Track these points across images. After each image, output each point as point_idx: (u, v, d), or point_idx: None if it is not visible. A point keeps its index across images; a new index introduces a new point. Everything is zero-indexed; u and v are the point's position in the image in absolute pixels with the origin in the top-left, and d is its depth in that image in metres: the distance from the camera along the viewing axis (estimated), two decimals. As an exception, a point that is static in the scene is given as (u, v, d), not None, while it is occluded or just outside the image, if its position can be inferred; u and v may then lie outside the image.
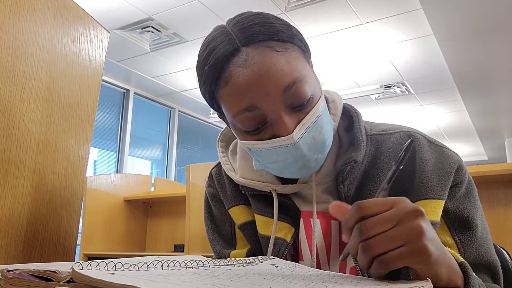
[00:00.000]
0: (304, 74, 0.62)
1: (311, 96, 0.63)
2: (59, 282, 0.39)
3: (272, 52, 0.61)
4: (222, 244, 0.82)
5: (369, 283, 0.46)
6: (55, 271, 0.39)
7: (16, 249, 0.88)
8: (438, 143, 0.72)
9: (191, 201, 2.49)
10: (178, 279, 0.40)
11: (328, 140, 0.66)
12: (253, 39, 0.62)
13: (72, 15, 1.02)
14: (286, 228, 0.73)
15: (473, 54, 4.23)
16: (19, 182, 0.88)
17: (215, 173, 0.85)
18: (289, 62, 0.61)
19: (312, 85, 0.63)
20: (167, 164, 6.09)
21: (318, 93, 0.65)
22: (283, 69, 0.60)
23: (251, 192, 0.76)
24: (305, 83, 0.62)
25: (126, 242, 3.05)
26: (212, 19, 3.81)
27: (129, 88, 5.56)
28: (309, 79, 0.63)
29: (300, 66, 0.63)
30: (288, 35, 0.64)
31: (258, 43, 0.62)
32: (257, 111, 0.62)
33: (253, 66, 0.61)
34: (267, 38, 0.62)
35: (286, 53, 0.62)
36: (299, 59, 0.63)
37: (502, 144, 7.73)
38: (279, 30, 0.63)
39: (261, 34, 0.62)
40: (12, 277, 0.40)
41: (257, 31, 0.62)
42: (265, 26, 0.63)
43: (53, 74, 0.97)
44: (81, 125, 1.03)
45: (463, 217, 0.67)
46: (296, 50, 0.64)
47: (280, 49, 0.62)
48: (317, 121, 0.63)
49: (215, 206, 0.85)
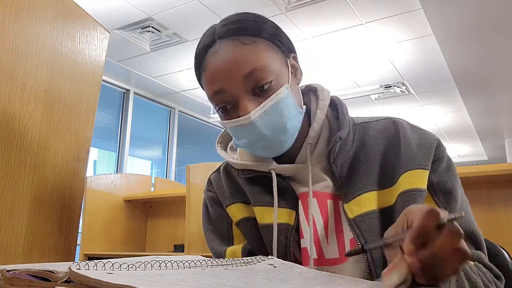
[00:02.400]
0: (266, 64, 0.71)
1: (271, 82, 0.71)
2: (57, 282, 0.39)
3: (239, 44, 0.72)
4: (220, 242, 0.84)
5: (367, 284, 0.46)
6: (52, 271, 0.39)
7: (16, 249, 0.88)
8: (419, 127, 0.80)
9: (191, 201, 2.49)
10: (176, 279, 0.40)
11: (290, 124, 0.72)
12: (227, 33, 0.73)
13: (72, 15, 1.02)
14: (287, 213, 0.77)
15: (473, 54, 4.23)
16: (19, 182, 0.88)
17: (214, 177, 0.89)
18: (253, 53, 0.71)
19: (275, 74, 0.72)
20: (167, 164, 6.09)
21: (282, 82, 0.73)
22: (245, 58, 0.70)
23: (250, 175, 0.80)
24: (265, 71, 0.70)
25: (126, 242, 3.05)
26: (212, 19, 3.80)
27: (129, 88, 5.56)
28: (271, 68, 0.71)
29: (263, 57, 0.71)
30: (257, 30, 0.73)
31: (229, 37, 0.72)
32: (225, 94, 0.72)
33: (221, 55, 0.72)
34: (237, 33, 0.72)
35: (252, 46, 0.72)
36: (264, 51, 0.72)
37: (502, 144, 7.73)
38: (250, 26, 0.74)
39: (233, 30, 0.73)
40: (12, 277, 0.40)
41: (231, 27, 0.73)
42: (239, 23, 0.74)
43: (53, 74, 0.97)
44: (81, 125, 1.03)
45: (446, 189, 0.73)
46: (263, 44, 0.73)
47: (247, 42, 0.72)
48: (278, 105, 0.71)
49: (212, 208, 0.88)
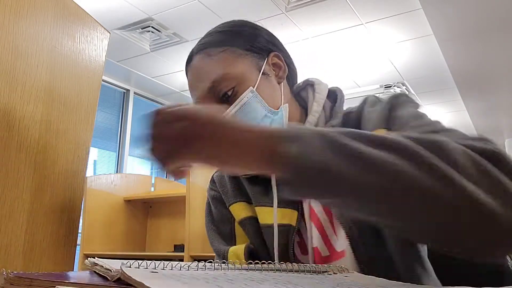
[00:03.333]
0: (226, 72, 0.74)
1: (233, 88, 0.74)
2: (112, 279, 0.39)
3: (205, 57, 0.77)
4: (222, 242, 0.84)
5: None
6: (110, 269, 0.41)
7: (16, 249, 0.88)
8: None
9: (191, 201, 2.49)
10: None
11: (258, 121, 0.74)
12: (198, 48, 0.79)
13: (72, 15, 1.02)
14: (288, 214, 0.76)
15: (473, 54, 4.23)
16: (19, 182, 0.89)
17: (217, 176, 0.91)
18: (215, 63, 0.75)
19: (237, 80, 0.74)
20: (167, 164, 6.08)
21: (247, 86, 0.74)
22: (208, 71, 0.75)
23: (249, 174, 0.80)
24: (225, 79, 0.74)
25: (126, 242, 3.05)
26: (212, 19, 3.81)
27: (129, 88, 5.56)
28: (231, 75, 0.74)
29: (224, 65, 0.75)
30: (223, 40, 0.77)
31: (200, 51, 0.78)
32: (201, 104, 0.76)
33: (192, 71, 0.79)
34: (205, 46, 0.78)
35: (216, 56, 0.76)
36: (227, 60, 0.76)
37: (502, 144, 7.74)
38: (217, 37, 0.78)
39: (203, 44, 0.79)
40: (12, 277, 0.40)
41: (202, 42, 0.79)
42: (209, 36, 0.79)
43: (53, 74, 0.97)
44: (81, 125, 1.03)
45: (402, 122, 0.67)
46: (228, 52, 0.76)
47: (213, 53, 0.76)
48: (243, 109, 0.73)
49: (215, 207, 0.88)
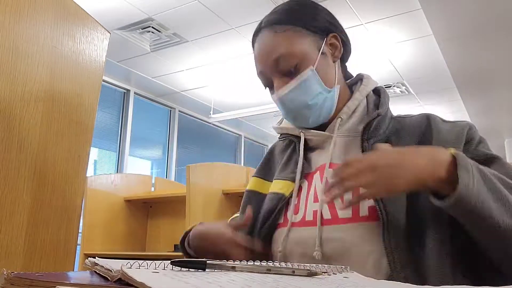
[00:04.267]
0: (290, 50, 0.81)
1: (296, 65, 0.81)
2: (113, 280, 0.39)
3: (272, 33, 0.84)
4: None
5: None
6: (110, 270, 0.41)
7: (17, 249, 0.88)
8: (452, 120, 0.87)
9: (191, 201, 2.49)
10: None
11: (312, 101, 0.82)
12: (266, 23, 0.86)
13: (73, 15, 1.02)
14: (286, 185, 0.86)
15: (473, 54, 4.23)
16: (20, 182, 0.89)
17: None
18: (281, 40, 0.82)
19: (299, 58, 0.81)
20: (167, 164, 6.09)
21: (308, 64, 0.82)
22: (274, 46, 0.82)
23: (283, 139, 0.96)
24: (289, 57, 0.81)
25: (126, 242, 3.05)
26: (212, 19, 3.81)
27: (129, 88, 5.56)
28: (295, 53, 0.81)
29: (289, 44, 0.82)
30: (288, 19, 0.84)
31: (267, 26, 0.85)
32: (264, 75, 0.86)
33: (260, 43, 0.86)
34: (273, 22, 0.85)
35: (282, 34, 0.83)
36: (291, 38, 0.82)
37: (502, 144, 7.73)
38: (283, 15, 0.85)
39: (270, 20, 0.86)
40: (13, 277, 0.40)
41: (270, 17, 0.86)
42: (276, 14, 0.86)
43: (54, 74, 0.97)
44: (81, 125, 1.03)
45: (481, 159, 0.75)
46: (292, 31, 0.83)
47: (279, 30, 0.83)
48: (301, 85, 0.82)
49: None
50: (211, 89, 5.55)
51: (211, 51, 4.42)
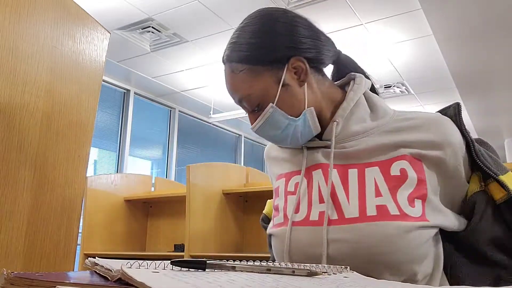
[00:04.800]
0: (248, 93, 0.81)
1: (259, 104, 0.82)
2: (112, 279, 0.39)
3: (231, 73, 0.83)
4: None
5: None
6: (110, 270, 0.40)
7: (17, 249, 0.88)
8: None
9: (191, 201, 2.49)
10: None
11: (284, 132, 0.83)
12: (227, 58, 0.84)
13: (73, 15, 1.02)
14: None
15: (473, 54, 4.23)
16: (20, 182, 0.89)
17: None
18: (239, 83, 0.82)
19: (259, 98, 0.81)
20: (167, 164, 6.09)
21: (268, 101, 0.81)
22: (236, 87, 0.83)
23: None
24: (249, 99, 0.81)
25: (126, 242, 3.05)
26: (212, 19, 3.81)
27: (129, 88, 5.56)
28: (253, 96, 0.81)
29: (246, 87, 0.81)
30: (244, 58, 0.81)
31: (228, 62, 0.84)
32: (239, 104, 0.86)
33: (225, 77, 0.85)
34: (229, 59, 0.83)
35: (239, 75, 0.82)
36: (251, 79, 0.81)
37: (502, 144, 7.73)
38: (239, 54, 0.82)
39: (228, 56, 0.84)
40: (13, 277, 0.40)
41: (229, 54, 0.84)
42: (234, 49, 0.83)
43: (54, 74, 0.97)
44: (81, 125, 1.03)
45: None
46: (246, 72, 0.81)
47: (236, 71, 0.82)
48: (268, 121, 0.82)
49: None
50: (211, 89, 5.55)
51: (211, 51, 4.42)
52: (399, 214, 0.72)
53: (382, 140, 0.79)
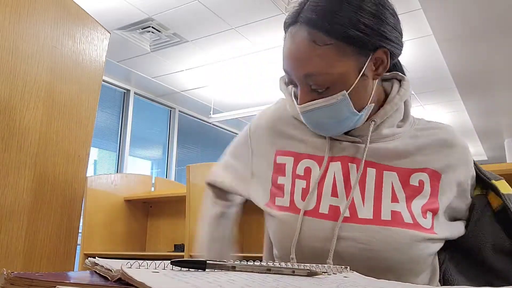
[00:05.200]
0: (325, 72, 0.70)
1: (328, 88, 0.71)
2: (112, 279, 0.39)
3: (309, 42, 0.70)
4: None
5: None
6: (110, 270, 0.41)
7: (17, 249, 0.88)
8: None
9: (191, 201, 2.49)
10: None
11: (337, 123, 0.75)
12: (307, 21, 0.71)
13: (73, 15, 1.02)
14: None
15: (473, 54, 4.23)
16: (20, 182, 0.89)
17: None
18: (318, 56, 0.70)
19: (333, 81, 0.71)
20: (167, 164, 6.09)
21: (341, 88, 0.71)
22: (309, 60, 0.70)
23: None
24: (322, 79, 0.70)
25: (126, 242, 3.05)
26: (212, 19, 3.81)
27: (129, 88, 5.56)
28: (329, 76, 0.70)
29: (325, 64, 0.70)
30: (331, 29, 0.69)
31: (306, 25, 0.70)
32: (289, 75, 0.75)
33: (293, 44, 0.72)
34: (313, 25, 0.70)
35: (321, 48, 0.69)
36: (330, 57, 0.70)
37: (501, 144, 7.73)
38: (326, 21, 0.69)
39: (313, 20, 0.70)
40: (13, 277, 0.40)
41: (314, 16, 0.70)
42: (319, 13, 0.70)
43: (54, 74, 0.97)
44: (81, 125, 1.03)
45: None
46: (333, 48, 0.70)
47: (319, 42, 0.69)
48: (328, 107, 0.72)
49: None
50: (211, 89, 5.56)
51: (211, 51, 4.42)
52: (412, 223, 0.72)
53: (406, 147, 0.79)
